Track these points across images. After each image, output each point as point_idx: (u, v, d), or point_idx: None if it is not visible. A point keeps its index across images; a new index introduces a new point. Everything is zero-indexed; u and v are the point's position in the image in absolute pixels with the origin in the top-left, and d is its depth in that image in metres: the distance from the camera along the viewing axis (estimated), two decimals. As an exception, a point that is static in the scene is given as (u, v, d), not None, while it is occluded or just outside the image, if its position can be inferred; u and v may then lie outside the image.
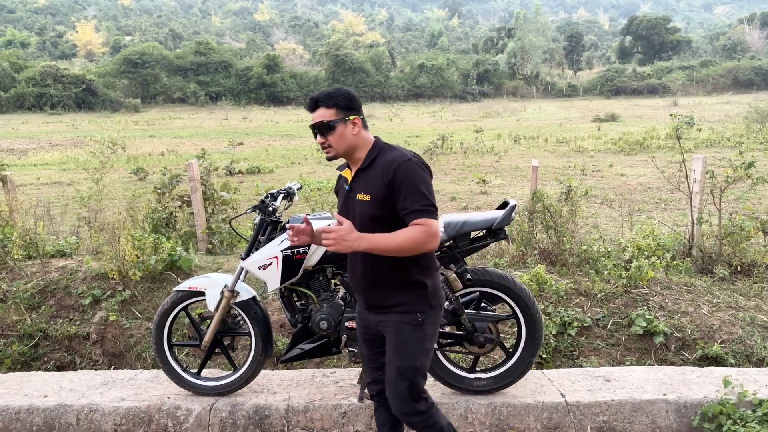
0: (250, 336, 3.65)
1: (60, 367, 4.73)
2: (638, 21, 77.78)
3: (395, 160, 2.62)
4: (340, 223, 2.52)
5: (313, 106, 2.71)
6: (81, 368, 4.65)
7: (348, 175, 2.78)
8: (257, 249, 3.47)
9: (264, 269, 3.39)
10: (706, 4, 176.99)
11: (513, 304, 3.58)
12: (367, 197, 2.65)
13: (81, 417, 3.57)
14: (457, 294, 3.51)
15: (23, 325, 4.86)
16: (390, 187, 2.58)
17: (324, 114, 2.68)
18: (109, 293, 5.08)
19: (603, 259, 5.36)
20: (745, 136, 19.11)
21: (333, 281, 3.62)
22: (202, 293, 3.61)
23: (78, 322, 4.92)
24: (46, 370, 4.66)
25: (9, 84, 49.05)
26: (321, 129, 2.68)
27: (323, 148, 2.72)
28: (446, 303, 3.50)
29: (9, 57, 53.93)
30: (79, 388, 3.83)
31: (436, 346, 3.59)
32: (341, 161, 2.82)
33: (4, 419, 3.57)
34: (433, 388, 3.72)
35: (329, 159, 2.77)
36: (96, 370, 4.50)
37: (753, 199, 9.13)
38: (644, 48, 77.26)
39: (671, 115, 6.33)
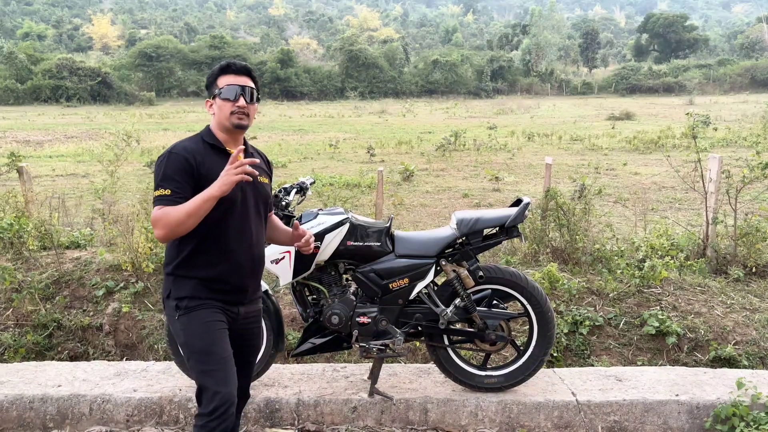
0: (261, 330, 3.66)
1: (73, 358, 4.78)
2: (655, 18, 77.00)
3: (261, 151, 2.86)
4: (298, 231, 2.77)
5: (245, 72, 2.63)
6: (94, 359, 4.70)
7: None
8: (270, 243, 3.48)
9: (276, 263, 3.40)
10: (725, 2, 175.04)
11: (525, 302, 3.57)
12: (267, 180, 2.75)
13: (94, 407, 3.61)
14: (469, 291, 3.51)
15: (38, 316, 4.91)
16: (270, 173, 2.81)
17: (252, 85, 2.65)
18: (122, 285, 5.12)
19: (616, 258, 5.33)
20: (762, 136, 18.88)
21: (345, 276, 3.63)
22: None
23: (91, 313, 4.96)
24: (60, 360, 4.70)
25: (26, 76, 49.42)
26: (251, 95, 2.62)
27: (240, 113, 2.57)
28: (458, 300, 3.51)
29: (26, 49, 54.32)
30: (92, 378, 3.87)
31: (447, 342, 3.60)
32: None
33: (18, 408, 3.61)
34: (444, 384, 3.72)
35: (239, 127, 2.58)
36: (109, 361, 4.54)
37: (769, 200, 9.03)
38: (661, 46, 76.54)
39: (687, 114, 6.28)
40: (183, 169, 2.46)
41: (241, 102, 2.56)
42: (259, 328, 2.86)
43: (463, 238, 3.52)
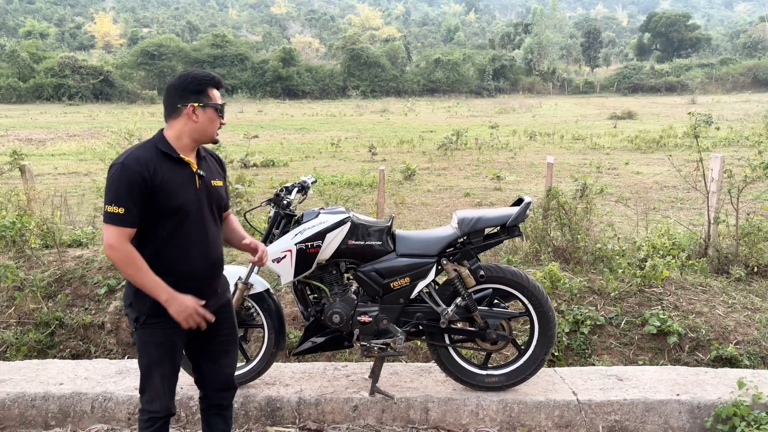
0: (263, 328, 3.67)
1: (75, 356, 4.79)
2: (657, 18, 76.85)
3: (213, 152, 2.90)
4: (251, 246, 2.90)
5: (219, 87, 2.70)
6: (96, 357, 4.71)
7: (191, 164, 2.65)
8: (271, 242, 3.49)
9: (278, 262, 3.40)
10: (727, 1, 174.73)
11: (526, 302, 3.57)
12: (220, 183, 2.79)
13: (96, 405, 3.61)
14: (470, 290, 3.51)
15: (40, 314, 4.92)
16: (224, 174, 2.86)
17: None
18: (124, 283, 5.12)
19: (617, 257, 5.33)
20: (765, 136, 18.85)
21: (346, 275, 3.63)
22: (216, 285, 3.62)
23: (93, 312, 4.97)
24: (62, 358, 4.71)
25: (28, 74, 49.46)
26: (223, 111, 2.70)
27: (218, 130, 2.71)
28: (459, 299, 3.51)
29: (28, 47, 54.33)
30: (94, 376, 3.87)
31: (448, 341, 3.60)
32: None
33: (21, 406, 3.62)
34: (445, 383, 3.73)
35: (216, 141, 2.72)
36: (110, 359, 4.55)
37: (771, 200, 9.02)
38: (663, 45, 76.40)
39: (689, 113, 6.27)
40: (136, 185, 2.46)
41: (224, 120, 2.71)
42: (232, 318, 2.92)
43: (465, 238, 3.52)
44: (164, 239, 2.57)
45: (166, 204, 2.53)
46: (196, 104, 2.59)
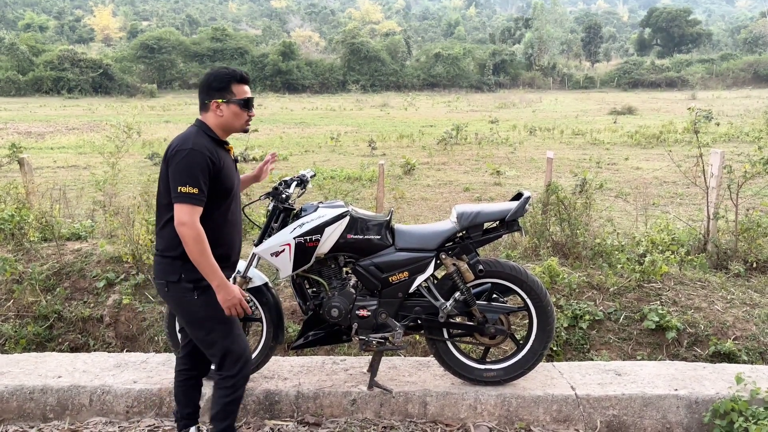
0: (261, 322, 3.67)
1: (74, 349, 4.79)
2: (658, 13, 76.73)
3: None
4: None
5: (249, 83, 2.93)
6: (94, 350, 4.71)
7: (231, 149, 3.02)
8: (270, 236, 3.48)
9: (276, 256, 3.39)
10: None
11: (525, 296, 3.56)
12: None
13: (94, 398, 3.62)
14: (468, 285, 3.51)
15: (38, 307, 4.92)
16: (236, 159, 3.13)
17: None
18: (122, 277, 5.13)
19: (616, 252, 5.33)
20: (765, 131, 18.82)
21: (345, 269, 3.63)
22: (215, 278, 3.62)
23: (92, 305, 4.97)
24: (60, 351, 4.72)
25: (27, 67, 49.36)
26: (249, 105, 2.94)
27: (249, 121, 2.96)
28: (458, 294, 3.51)
29: (27, 40, 54.21)
30: (92, 369, 3.87)
31: (446, 336, 3.60)
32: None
33: (19, 399, 3.62)
34: (443, 377, 3.73)
35: (246, 131, 2.99)
36: (109, 352, 4.55)
37: (771, 196, 9.02)
38: (663, 40, 76.29)
39: (689, 108, 6.25)
40: (206, 168, 2.71)
41: (252, 112, 2.94)
42: None
43: (464, 232, 3.51)
44: (219, 218, 2.85)
45: (225, 185, 2.82)
46: (219, 100, 2.83)
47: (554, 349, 4.38)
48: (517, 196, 3.56)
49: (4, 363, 3.97)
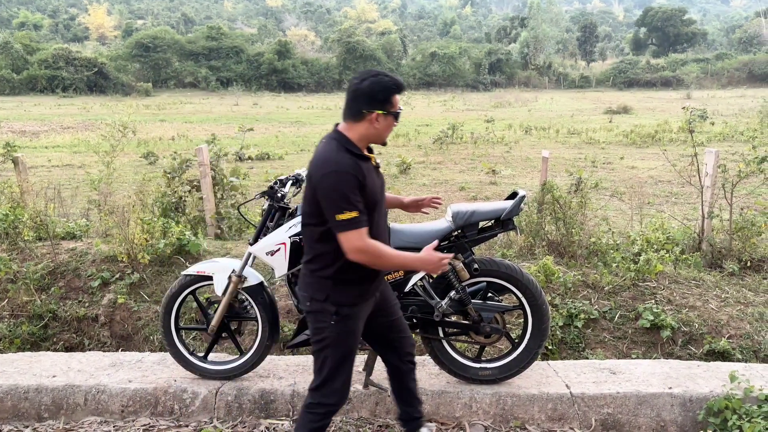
0: (257, 321, 3.66)
1: (69, 348, 4.78)
2: (653, 12, 76.94)
3: None
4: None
5: (402, 93, 2.70)
6: (89, 350, 4.70)
7: (372, 158, 2.77)
8: (265, 235, 3.48)
9: (272, 255, 3.39)
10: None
11: (520, 295, 3.57)
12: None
13: (89, 397, 3.61)
14: (464, 284, 3.51)
15: (33, 306, 4.91)
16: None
17: None
18: (118, 276, 5.11)
19: (611, 251, 5.34)
20: (759, 131, 18.89)
21: (340, 268, 3.62)
22: (210, 278, 3.62)
23: (87, 304, 4.96)
24: (55, 350, 4.71)
25: (21, 66, 49.23)
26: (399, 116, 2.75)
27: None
28: (453, 292, 3.51)
29: (22, 39, 54.05)
30: (87, 369, 3.87)
31: (441, 335, 3.61)
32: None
33: (13, 398, 3.61)
34: (438, 376, 3.73)
35: (385, 144, 2.80)
36: (104, 351, 4.54)
37: (765, 195, 9.04)
38: (659, 40, 76.50)
39: (684, 108, 6.27)
40: (356, 187, 2.55)
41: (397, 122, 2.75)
42: (388, 287, 3.15)
43: (459, 231, 3.51)
44: (372, 234, 2.68)
45: (370, 200, 2.64)
46: (380, 112, 2.62)
47: (549, 347, 4.39)
48: (513, 195, 3.56)
49: (-1, 362, 3.95)
